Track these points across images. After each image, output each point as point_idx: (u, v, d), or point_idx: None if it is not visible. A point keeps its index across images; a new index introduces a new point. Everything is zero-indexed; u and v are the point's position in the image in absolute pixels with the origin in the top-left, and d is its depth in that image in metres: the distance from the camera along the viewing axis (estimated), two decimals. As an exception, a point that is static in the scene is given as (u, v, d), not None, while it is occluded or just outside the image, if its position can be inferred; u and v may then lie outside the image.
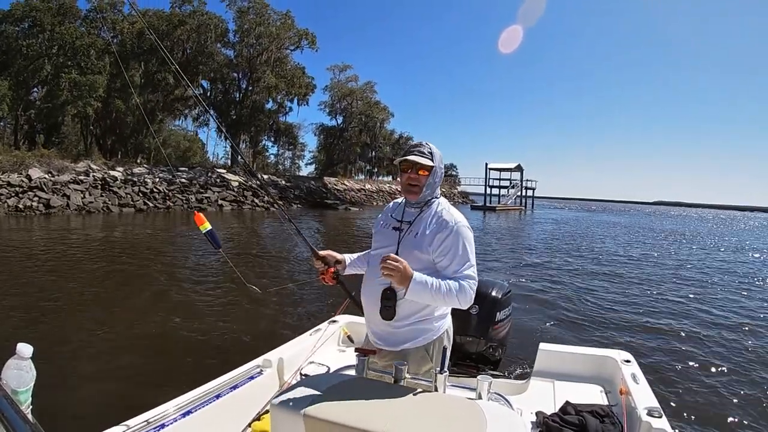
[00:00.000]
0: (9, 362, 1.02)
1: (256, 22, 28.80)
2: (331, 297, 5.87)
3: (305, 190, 31.72)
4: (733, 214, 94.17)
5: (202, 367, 3.72)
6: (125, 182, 20.64)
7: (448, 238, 1.58)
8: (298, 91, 31.82)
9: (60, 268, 7.69)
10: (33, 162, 18.12)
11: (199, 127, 36.84)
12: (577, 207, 77.92)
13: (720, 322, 6.17)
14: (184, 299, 6.13)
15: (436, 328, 1.69)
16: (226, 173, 26.44)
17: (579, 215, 43.59)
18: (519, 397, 2.43)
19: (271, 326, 5.16)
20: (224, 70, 29.37)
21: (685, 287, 8.60)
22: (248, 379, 2.15)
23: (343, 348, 2.94)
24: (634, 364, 2.52)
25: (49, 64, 22.96)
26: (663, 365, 4.40)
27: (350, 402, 1.27)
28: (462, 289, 1.54)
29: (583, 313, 6.30)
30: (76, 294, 6.10)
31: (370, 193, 40.37)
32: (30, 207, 16.22)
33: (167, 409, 1.76)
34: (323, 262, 1.86)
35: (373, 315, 1.68)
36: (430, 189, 1.67)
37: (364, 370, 1.63)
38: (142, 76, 25.78)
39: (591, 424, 1.94)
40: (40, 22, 22.25)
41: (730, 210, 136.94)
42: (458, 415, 1.26)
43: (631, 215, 51.03)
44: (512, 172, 46.79)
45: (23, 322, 4.88)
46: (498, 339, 2.89)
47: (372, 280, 1.69)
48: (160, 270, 8.16)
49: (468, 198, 56.39)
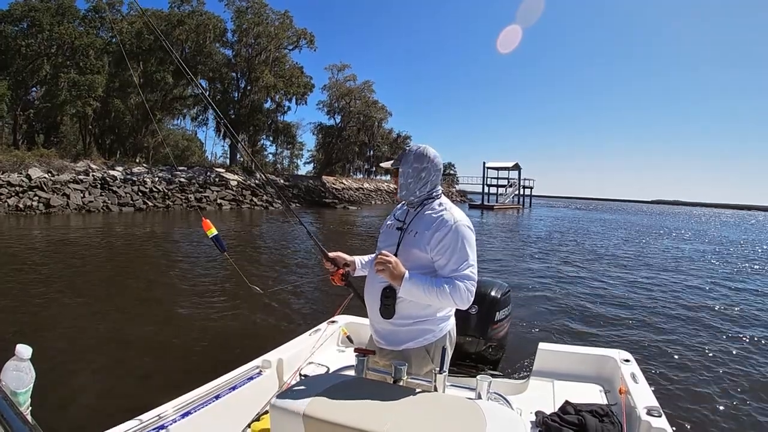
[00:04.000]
0: (8, 364, 1.01)
1: (255, 21, 28.77)
2: (334, 296, 5.87)
3: (303, 189, 31.72)
4: (735, 213, 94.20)
5: (201, 368, 3.72)
6: (125, 182, 20.62)
7: (446, 237, 1.58)
8: (297, 91, 31.79)
9: (60, 268, 7.67)
10: (33, 161, 18.09)
11: (198, 126, 36.87)
12: (574, 205, 77.96)
13: (720, 321, 6.18)
14: (184, 299, 6.12)
15: (438, 329, 1.68)
16: (224, 172, 26.41)
17: (576, 214, 43.60)
18: (518, 396, 2.43)
19: (272, 326, 5.16)
20: (223, 69, 29.34)
21: (685, 287, 8.61)
22: (248, 380, 2.15)
23: (342, 348, 2.94)
24: (633, 363, 2.52)
25: (48, 64, 22.90)
26: (663, 365, 4.40)
27: (350, 402, 1.27)
28: (456, 288, 1.52)
29: (583, 313, 6.30)
30: (76, 294, 6.08)
31: (368, 192, 40.37)
32: (30, 206, 16.20)
33: (166, 409, 1.76)
34: (333, 264, 1.87)
35: (374, 313, 1.69)
36: (404, 189, 1.71)
37: (363, 370, 1.63)
38: (140, 75, 25.73)
39: (590, 423, 1.94)
40: (39, 21, 22.17)
41: (733, 209, 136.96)
42: (458, 414, 1.26)
43: (629, 213, 51.05)
44: (510, 170, 46.82)
45: (22, 322, 4.87)
46: (497, 339, 2.90)
47: (373, 278, 1.71)
48: (159, 270, 8.16)
49: (466, 197, 56.39)
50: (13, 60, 22.17)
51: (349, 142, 38.93)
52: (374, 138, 41.52)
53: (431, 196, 1.71)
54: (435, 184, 1.72)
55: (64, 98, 21.87)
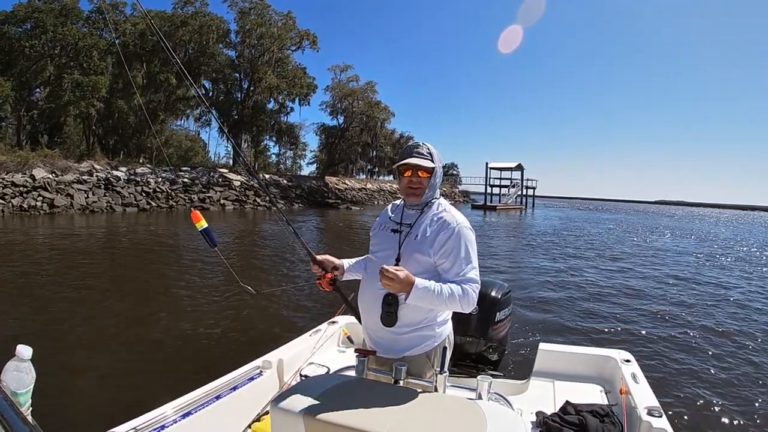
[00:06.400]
0: (9, 364, 1.02)
1: (258, 22, 28.82)
2: (329, 299, 5.85)
3: (306, 190, 31.75)
4: (737, 213, 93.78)
5: (201, 368, 3.72)
6: (128, 182, 20.71)
7: (449, 240, 1.55)
8: (300, 92, 31.87)
9: (60, 268, 7.70)
10: (37, 162, 18.19)
11: (201, 127, 36.97)
12: (576, 206, 77.74)
13: (720, 321, 6.14)
14: (184, 299, 6.13)
15: (438, 334, 1.64)
16: (228, 173, 26.48)
17: (579, 214, 43.45)
18: (519, 397, 2.43)
19: (269, 328, 5.15)
20: (226, 70, 29.44)
21: (685, 287, 8.57)
22: (248, 380, 2.15)
23: (342, 349, 2.94)
24: (634, 363, 2.52)
25: (52, 65, 23.02)
26: (663, 365, 4.38)
27: (350, 403, 1.27)
28: (465, 294, 1.50)
29: (583, 313, 6.28)
30: (77, 295, 6.10)
31: (371, 193, 40.38)
32: (34, 206, 16.28)
33: (166, 410, 1.76)
34: (320, 267, 1.81)
35: (373, 321, 1.63)
36: (432, 190, 1.65)
37: (364, 370, 1.63)
38: (144, 76, 25.83)
39: (591, 423, 1.94)
40: (43, 23, 22.31)
41: (735, 209, 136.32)
42: (458, 415, 1.26)
43: (632, 214, 50.86)
44: (513, 171, 46.73)
45: (22, 323, 4.88)
46: (498, 339, 2.89)
47: (372, 285, 1.62)
48: (160, 270, 8.19)
49: (469, 197, 56.35)
50: (17, 61, 22.30)
51: (351, 142, 38.93)
52: (377, 138, 41.52)
53: (435, 197, 1.69)
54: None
55: (68, 99, 22.00)
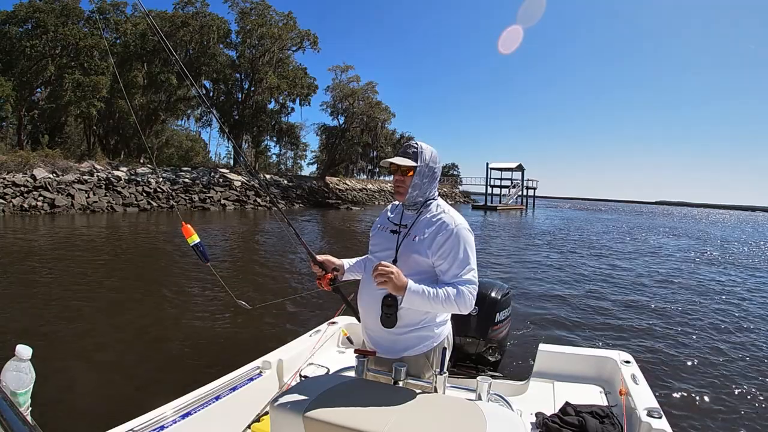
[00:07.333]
0: (8, 364, 1.02)
1: (258, 23, 28.84)
2: (328, 307, 5.75)
3: (307, 190, 31.76)
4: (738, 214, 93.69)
5: (201, 369, 3.73)
6: (129, 182, 20.72)
7: (447, 241, 1.54)
8: (300, 92, 31.86)
9: (62, 268, 7.70)
10: (37, 162, 18.22)
11: (202, 127, 36.94)
12: (577, 206, 77.68)
13: (721, 322, 6.14)
14: (184, 300, 6.14)
15: (437, 334, 1.64)
16: (228, 173, 26.50)
17: (578, 214, 43.45)
18: (519, 398, 2.43)
19: (273, 326, 5.16)
20: (227, 70, 29.42)
21: (685, 287, 8.57)
22: (248, 381, 2.15)
23: (342, 349, 2.94)
24: (633, 364, 2.52)
25: (53, 65, 23.04)
26: (663, 366, 4.38)
27: (350, 403, 1.28)
28: (461, 295, 1.49)
29: (583, 314, 6.28)
30: (76, 295, 6.10)
31: (372, 193, 40.44)
32: (35, 206, 16.31)
33: (166, 410, 1.76)
34: (321, 268, 1.82)
35: (372, 322, 1.63)
36: (417, 190, 1.63)
37: (363, 371, 1.63)
38: (145, 76, 25.85)
39: (591, 424, 1.94)
40: (44, 23, 22.32)
41: (736, 210, 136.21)
42: (458, 416, 1.26)
43: (632, 215, 50.82)
44: (513, 171, 46.72)
45: (22, 323, 4.89)
46: (497, 340, 2.90)
47: (371, 285, 1.60)
48: (161, 270, 8.19)
49: (469, 198, 56.29)
50: (18, 61, 22.32)
51: (352, 143, 38.89)
52: (377, 139, 41.45)
53: (431, 198, 1.68)
54: (437, 185, 1.71)
55: (69, 99, 22.00)
